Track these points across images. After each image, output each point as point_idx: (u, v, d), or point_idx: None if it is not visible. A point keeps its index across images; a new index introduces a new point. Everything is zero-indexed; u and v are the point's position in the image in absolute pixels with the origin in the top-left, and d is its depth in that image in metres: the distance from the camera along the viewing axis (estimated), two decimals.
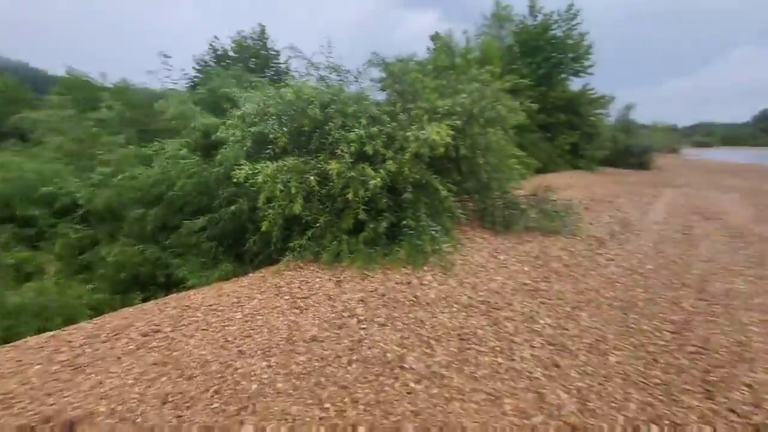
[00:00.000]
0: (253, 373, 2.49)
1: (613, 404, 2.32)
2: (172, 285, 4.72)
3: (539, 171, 15.15)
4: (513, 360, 2.74)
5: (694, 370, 2.65)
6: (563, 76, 17.79)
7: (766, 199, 10.19)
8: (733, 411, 2.27)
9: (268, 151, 4.74)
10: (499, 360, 2.74)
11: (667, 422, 2.18)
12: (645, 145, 23.32)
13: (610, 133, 22.58)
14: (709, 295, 3.87)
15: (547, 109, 16.81)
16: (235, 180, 4.27)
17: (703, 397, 2.39)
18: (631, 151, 22.36)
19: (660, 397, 2.39)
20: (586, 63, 17.49)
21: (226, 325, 3.09)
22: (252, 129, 4.89)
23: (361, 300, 3.54)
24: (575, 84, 18.56)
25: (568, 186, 11.63)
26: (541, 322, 3.28)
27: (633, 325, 3.26)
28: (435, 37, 16.03)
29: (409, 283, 3.89)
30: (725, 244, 5.73)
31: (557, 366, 2.68)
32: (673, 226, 6.77)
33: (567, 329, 3.18)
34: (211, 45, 17.17)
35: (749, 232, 6.45)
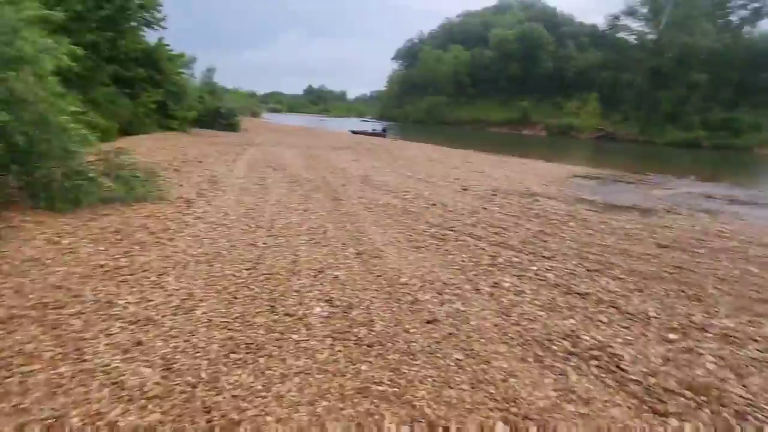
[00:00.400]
0: None
1: (198, 353, 2.42)
2: None
3: (126, 133, 13.35)
4: (83, 363, 2.27)
5: (264, 294, 3.22)
6: (134, 24, 15.90)
7: (312, 152, 13.95)
8: (288, 314, 2.94)
9: None
10: (63, 369, 2.19)
11: (244, 345, 2.53)
12: (232, 109, 25.69)
13: (197, 94, 23.06)
14: (275, 231, 4.82)
15: (120, 60, 14.68)
16: None
17: (269, 312, 2.95)
18: (220, 113, 23.95)
19: (238, 327, 2.73)
20: (157, 15, 16.38)
21: None
22: None
23: None
24: (151, 37, 17.19)
25: (159, 148, 10.96)
26: (121, 302, 2.91)
27: (217, 274, 3.53)
28: None
29: None
30: (287, 188, 7.33)
31: (140, 343, 2.47)
32: (252, 178, 7.93)
33: (152, 300, 3.00)
34: None
35: (302, 177, 8.59)
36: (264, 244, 4.35)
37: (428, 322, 2.88)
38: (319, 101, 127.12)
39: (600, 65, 56.23)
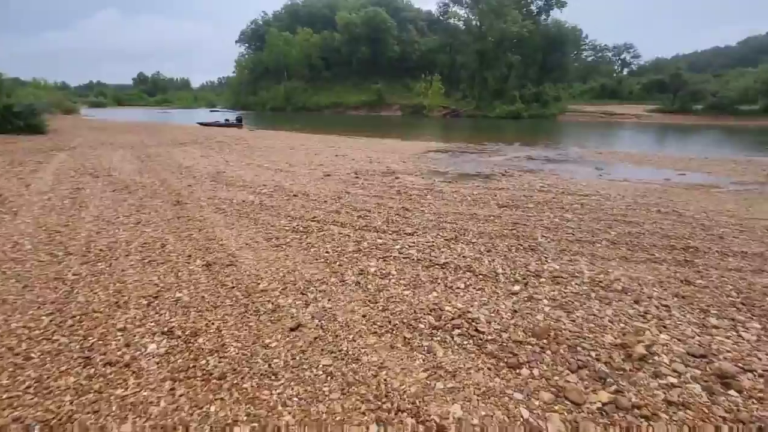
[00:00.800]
0: None
1: None
2: None
3: None
4: None
5: (74, 344, 2.47)
6: None
7: (149, 151, 11.89)
8: (110, 364, 2.30)
9: None
10: None
11: (38, 426, 1.86)
12: (32, 106, 20.20)
13: None
14: (93, 255, 3.83)
15: None
16: None
17: (82, 367, 2.26)
18: (13, 112, 18.59)
19: (31, 401, 2.01)
20: None
21: None
22: None
23: None
24: None
25: None
26: None
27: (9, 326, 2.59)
28: None
29: None
30: (112, 198, 6.01)
31: None
32: (61, 192, 6.27)
33: None
34: None
35: (134, 183, 7.18)
36: (76, 275, 3.40)
37: (292, 329, 2.59)
38: (156, 91, 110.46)
39: (438, 49, 61.99)
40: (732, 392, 2.01)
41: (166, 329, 2.61)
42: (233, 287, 3.19)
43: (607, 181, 8.95)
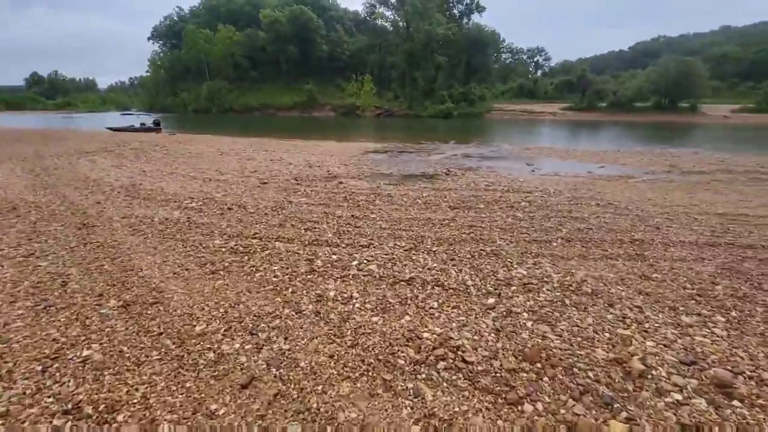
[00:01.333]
0: None
1: None
2: None
3: None
4: None
5: None
6: None
7: (46, 162, 10.12)
8: None
9: None
10: None
11: None
12: None
13: None
14: None
15: None
16: None
17: None
18: None
19: None
20: None
21: None
22: None
23: None
24: None
25: None
26: None
27: None
28: None
29: None
30: None
31: None
32: None
33: None
34: None
35: (24, 203, 5.92)
36: None
37: (243, 386, 2.08)
38: (55, 94, 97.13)
39: (368, 49, 62.09)
40: (735, 402, 1.92)
41: (70, 406, 1.95)
42: (161, 333, 2.55)
43: (541, 176, 9.32)
